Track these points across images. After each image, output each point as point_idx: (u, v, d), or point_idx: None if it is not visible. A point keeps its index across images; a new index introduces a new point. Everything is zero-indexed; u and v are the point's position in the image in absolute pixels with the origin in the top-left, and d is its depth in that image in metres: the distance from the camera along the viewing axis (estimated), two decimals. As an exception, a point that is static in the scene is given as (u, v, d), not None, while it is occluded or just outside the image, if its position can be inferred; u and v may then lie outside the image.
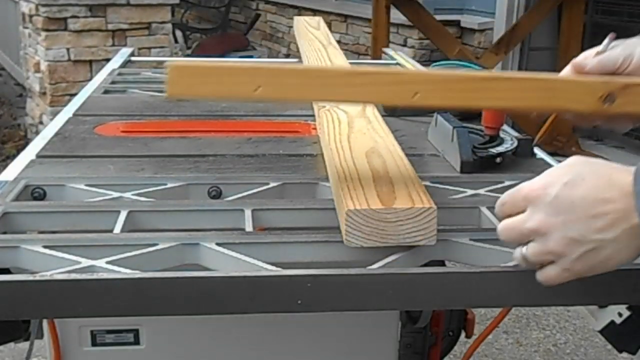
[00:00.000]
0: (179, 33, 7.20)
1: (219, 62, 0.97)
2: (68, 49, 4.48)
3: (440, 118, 1.31)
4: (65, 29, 4.46)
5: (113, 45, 4.49)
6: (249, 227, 0.99)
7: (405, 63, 2.29)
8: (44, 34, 4.43)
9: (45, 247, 0.90)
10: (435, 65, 1.60)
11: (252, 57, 6.59)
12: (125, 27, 4.58)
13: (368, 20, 5.36)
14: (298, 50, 2.13)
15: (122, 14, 4.56)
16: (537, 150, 1.34)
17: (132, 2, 4.55)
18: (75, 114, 1.54)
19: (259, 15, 7.79)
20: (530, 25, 4.98)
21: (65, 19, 4.44)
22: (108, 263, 0.86)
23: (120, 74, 1.97)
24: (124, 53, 2.35)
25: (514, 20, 5.27)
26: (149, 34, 4.68)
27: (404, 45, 5.59)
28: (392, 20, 4.73)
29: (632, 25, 4.77)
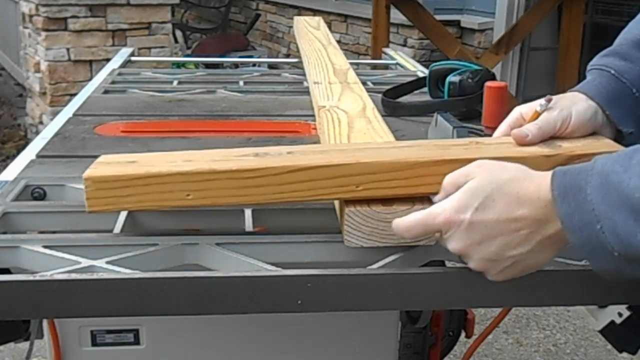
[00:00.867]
0: (179, 33, 7.20)
1: (145, 167, 0.89)
2: (68, 49, 4.48)
3: (440, 118, 1.31)
4: (65, 29, 4.46)
5: (113, 45, 4.49)
6: (249, 227, 0.99)
7: (406, 63, 2.29)
8: (44, 34, 4.43)
9: (45, 247, 0.90)
10: (435, 65, 1.60)
11: (252, 57, 6.61)
12: (125, 27, 4.58)
13: (368, 20, 5.36)
14: (298, 50, 2.13)
15: (122, 14, 4.56)
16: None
17: (132, 2, 4.55)
18: (75, 114, 1.54)
19: (259, 15, 7.79)
20: (530, 25, 4.98)
21: (65, 19, 4.44)
22: (108, 263, 0.86)
23: (120, 74, 1.97)
24: (124, 53, 2.35)
25: (514, 20, 5.27)
26: (149, 34, 4.68)
27: (404, 45, 5.59)
28: (392, 20, 4.73)
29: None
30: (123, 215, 1.00)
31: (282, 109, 1.61)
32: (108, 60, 2.32)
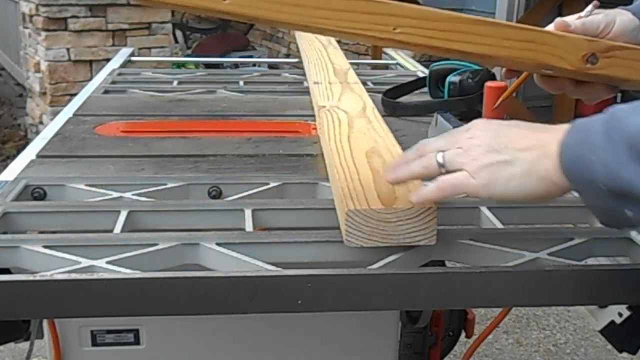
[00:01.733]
0: (179, 33, 7.19)
1: None
2: (68, 49, 4.48)
3: (441, 118, 1.31)
4: (66, 29, 4.46)
5: (113, 45, 4.49)
6: (249, 227, 0.99)
7: (406, 63, 2.29)
8: (44, 34, 4.43)
9: (45, 247, 0.90)
10: (435, 66, 1.60)
11: (252, 57, 6.60)
12: (126, 27, 4.58)
13: (368, 20, 5.35)
14: (298, 50, 2.13)
15: (122, 14, 4.56)
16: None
17: (132, 2, 4.55)
18: (75, 114, 1.54)
19: (259, 15, 7.78)
20: (531, 25, 4.98)
21: (66, 19, 4.44)
22: (108, 263, 0.86)
23: (121, 74, 1.97)
24: (124, 53, 2.35)
25: (514, 20, 5.27)
26: (149, 34, 4.68)
27: (404, 45, 5.59)
28: (392, 20, 4.73)
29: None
30: (123, 215, 1.00)
31: (282, 109, 1.61)
32: (108, 60, 2.32)
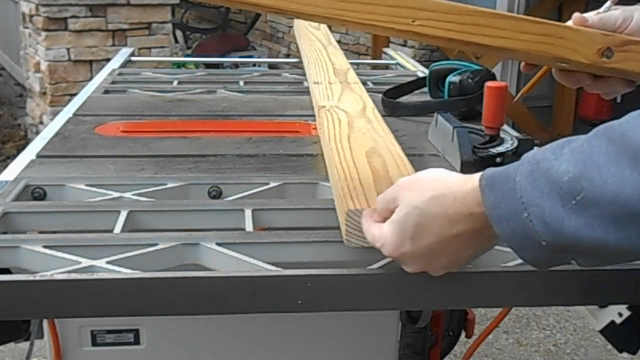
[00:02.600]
0: (179, 33, 7.19)
1: None
2: (68, 49, 4.48)
3: (441, 118, 1.31)
4: (66, 29, 4.46)
5: (113, 45, 4.49)
6: (249, 227, 0.99)
7: (406, 63, 2.29)
8: (44, 34, 4.43)
9: (45, 247, 0.90)
10: (436, 65, 1.60)
11: (252, 57, 6.60)
12: (126, 27, 4.58)
13: (368, 20, 5.35)
14: (298, 50, 2.13)
15: (122, 14, 4.56)
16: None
17: (132, 2, 4.54)
18: (76, 114, 1.54)
19: (259, 15, 7.79)
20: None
21: (66, 19, 4.44)
22: (108, 263, 0.86)
23: (121, 74, 1.97)
24: (124, 53, 2.35)
25: (514, 20, 5.27)
26: (149, 34, 4.68)
27: (404, 45, 5.59)
28: (392, 20, 4.73)
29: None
30: (123, 215, 1.00)
31: (282, 109, 1.61)
32: (108, 60, 2.32)
